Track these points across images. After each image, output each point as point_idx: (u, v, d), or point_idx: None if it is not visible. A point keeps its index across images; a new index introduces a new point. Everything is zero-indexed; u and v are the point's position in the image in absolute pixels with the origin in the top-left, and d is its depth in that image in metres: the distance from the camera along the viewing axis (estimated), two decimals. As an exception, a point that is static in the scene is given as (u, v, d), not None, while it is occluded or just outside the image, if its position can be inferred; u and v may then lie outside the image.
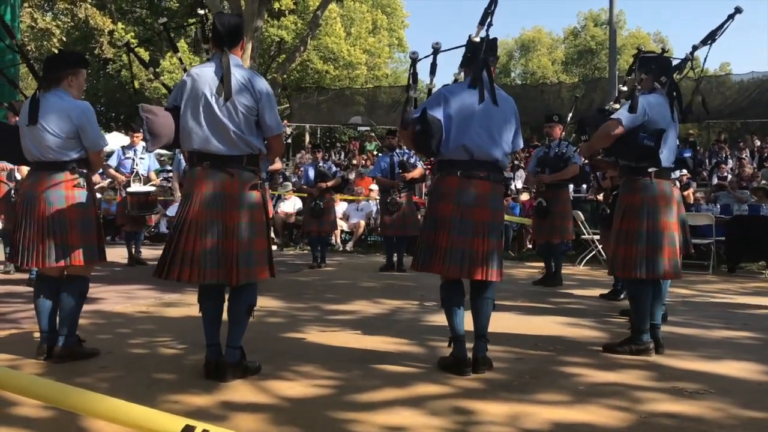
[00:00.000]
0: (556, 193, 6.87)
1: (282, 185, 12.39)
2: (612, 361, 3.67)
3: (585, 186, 9.66)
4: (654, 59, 3.94)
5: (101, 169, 6.50)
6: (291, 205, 11.89)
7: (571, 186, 8.31)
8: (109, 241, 10.32)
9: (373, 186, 11.12)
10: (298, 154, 17.86)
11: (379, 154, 12.97)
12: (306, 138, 21.75)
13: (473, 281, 3.41)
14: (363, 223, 11.56)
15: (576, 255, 9.37)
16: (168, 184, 12.06)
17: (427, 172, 9.87)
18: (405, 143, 4.03)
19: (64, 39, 25.37)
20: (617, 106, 3.95)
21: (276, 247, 10.68)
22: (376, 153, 16.35)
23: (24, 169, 6.10)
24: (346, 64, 28.46)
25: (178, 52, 4.73)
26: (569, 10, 58.45)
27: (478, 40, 3.38)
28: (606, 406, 2.88)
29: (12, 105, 4.62)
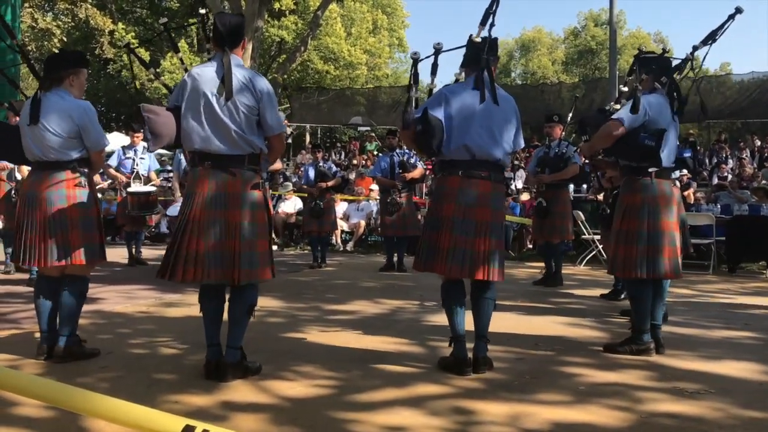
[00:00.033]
0: (556, 193, 6.87)
1: (282, 185, 12.39)
2: (612, 361, 3.67)
3: (585, 186, 9.66)
4: (654, 59, 3.95)
5: (101, 170, 6.50)
6: (291, 205, 11.89)
7: (572, 186, 8.32)
8: (110, 241, 10.32)
9: (374, 186, 11.12)
10: (299, 154, 17.85)
11: (380, 154, 12.97)
12: (306, 138, 21.75)
13: (474, 281, 3.41)
14: (363, 223, 11.56)
15: (576, 255, 9.37)
16: (168, 184, 12.07)
17: (428, 172, 9.88)
18: (406, 143, 4.03)
19: (64, 39, 25.38)
20: (618, 106, 3.95)
21: (276, 247, 10.68)
22: (376, 153, 16.35)
23: (24, 169, 6.10)
24: (346, 64, 28.46)
25: (179, 52, 4.74)
26: (569, 10, 58.70)
27: (479, 40, 3.39)
28: (606, 406, 2.88)
29: (12, 105, 4.63)
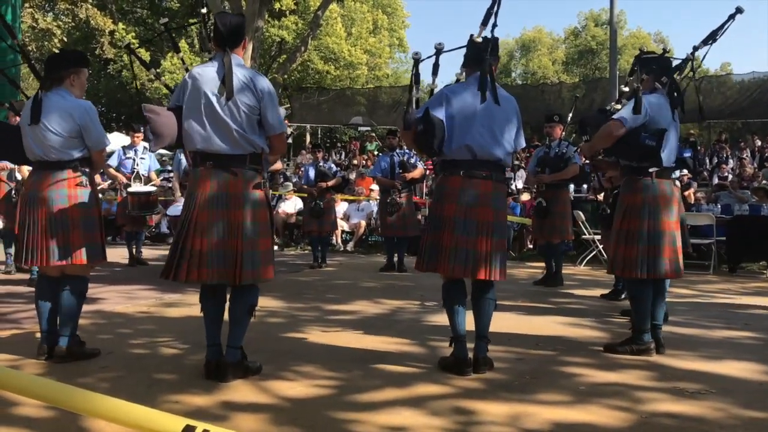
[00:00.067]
0: (556, 193, 6.87)
1: (283, 185, 12.39)
2: (613, 361, 3.67)
3: (585, 186, 9.66)
4: (655, 60, 3.95)
5: (102, 170, 6.50)
6: (292, 205, 11.89)
7: (572, 186, 8.32)
8: (110, 242, 10.32)
9: (374, 186, 11.12)
10: (299, 154, 17.84)
11: (380, 154, 12.97)
12: (307, 138, 21.76)
13: (475, 281, 3.41)
14: (364, 224, 11.56)
15: (577, 255, 9.36)
16: (168, 184, 12.08)
17: (428, 172, 9.87)
18: (407, 143, 4.03)
19: (65, 39, 25.37)
20: (619, 106, 3.95)
21: (276, 248, 10.67)
22: (376, 153, 16.34)
23: (24, 170, 6.10)
24: (346, 64, 28.44)
25: (180, 52, 4.75)
26: (570, 10, 58.70)
27: (480, 40, 3.39)
28: (607, 406, 2.88)
29: (13, 105, 4.63)
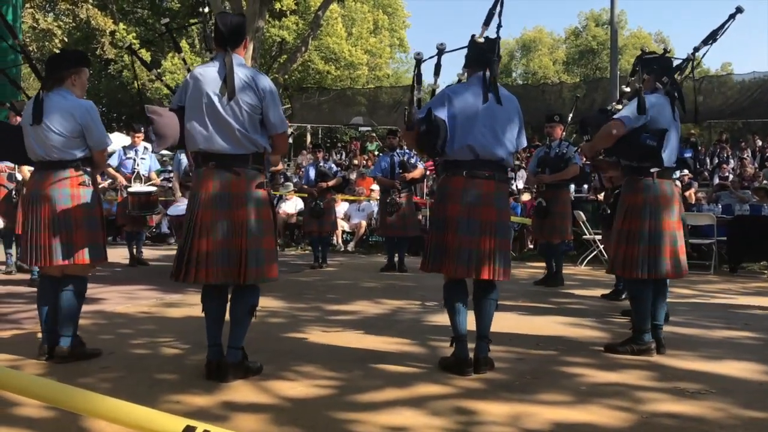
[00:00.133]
0: (556, 193, 6.87)
1: (283, 185, 12.39)
2: (613, 361, 3.67)
3: (586, 186, 9.66)
4: (656, 60, 3.95)
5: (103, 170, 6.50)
6: (292, 206, 11.90)
7: (573, 186, 8.31)
8: (111, 242, 10.33)
9: (374, 186, 11.12)
10: (299, 154, 17.85)
11: (380, 154, 12.97)
12: (307, 138, 21.76)
13: (478, 281, 3.41)
14: (364, 224, 11.56)
15: (577, 255, 9.36)
16: (169, 184, 12.07)
17: (428, 172, 9.87)
18: (409, 144, 4.03)
19: (65, 40, 25.36)
20: (620, 106, 3.96)
21: (277, 248, 10.66)
22: (377, 153, 16.34)
23: (25, 170, 6.11)
24: (347, 64, 28.43)
25: (181, 52, 4.75)
26: (570, 10, 58.75)
27: (481, 40, 3.39)
28: (607, 406, 2.88)
29: (13, 105, 4.63)
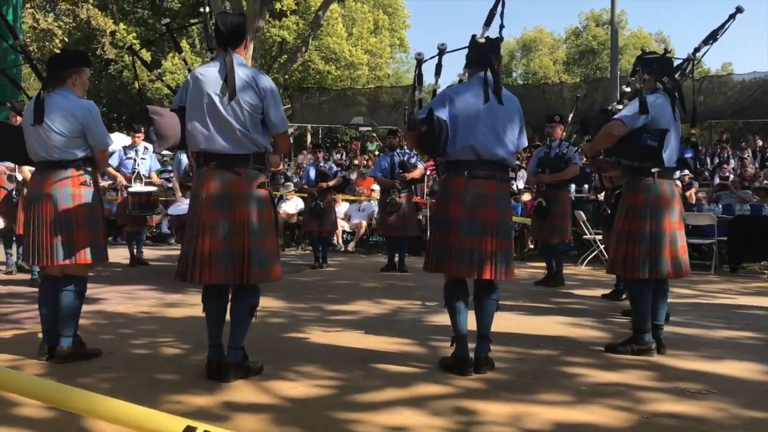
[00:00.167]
0: (556, 194, 6.87)
1: (284, 185, 12.39)
2: (614, 361, 3.67)
3: (587, 186, 9.66)
4: (656, 60, 3.95)
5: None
6: (293, 206, 11.89)
7: (573, 186, 8.30)
8: (111, 242, 10.32)
9: (375, 186, 11.11)
10: (299, 154, 17.85)
11: (380, 154, 12.96)
12: (308, 138, 21.75)
13: (479, 281, 3.41)
14: (365, 224, 11.55)
15: (578, 255, 9.36)
16: (169, 184, 12.07)
17: (428, 172, 9.86)
18: (411, 144, 4.02)
19: (66, 40, 25.37)
20: (620, 106, 3.95)
21: (278, 248, 10.65)
22: (377, 153, 16.34)
23: (25, 170, 6.11)
24: (347, 64, 28.43)
25: (182, 52, 4.75)
26: (571, 10, 58.64)
27: (482, 40, 3.39)
28: (608, 406, 2.88)
29: (14, 105, 4.63)
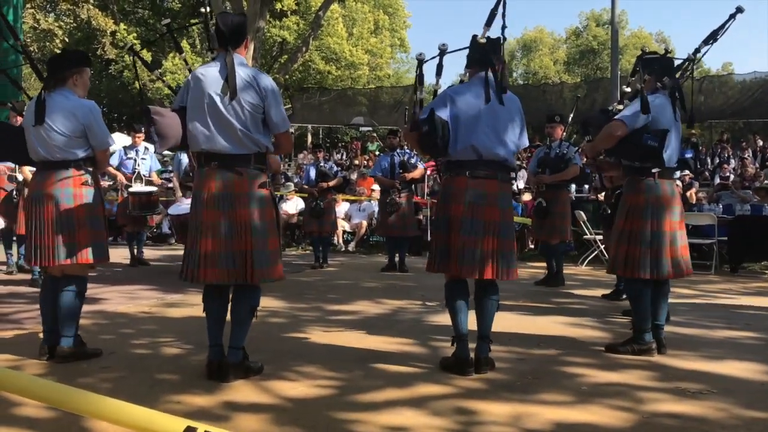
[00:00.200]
0: (556, 194, 6.87)
1: (284, 186, 12.38)
2: (614, 361, 3.67)
3: (587, 186, 9.65)
4: (656, 60, 3.95)
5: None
6: (293, 206, 11.89)
7: (574, 186, 8.30)
8: (112, 242, 10.32)
9: (375, 186, 11.11)
10: (300, 154, 17.84)
11: (381, 154, 12.96)
12: (308, 138, 21.75)
13: (479, 281, 3.41)
14: (365, 224, 11.55)
15: (578, 255, 9.36)
16: (169, 184, 12.06)
17: (428, 172, 9.86)
18: (412, 144, 4.02)
19: (66, 40, 25.38)
20: (621, 107, 3.95)
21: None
22: (378, 153, 16.33)
23: (26, 170, 6.11)
24: (348, 64, 28.43)
25: (183, 52, 4.75)
26: (571, 10, 58.46)
27: (483, 41, 3.39)
28: (608, 406, 2.88)
29: (14, 105, 4.63)
